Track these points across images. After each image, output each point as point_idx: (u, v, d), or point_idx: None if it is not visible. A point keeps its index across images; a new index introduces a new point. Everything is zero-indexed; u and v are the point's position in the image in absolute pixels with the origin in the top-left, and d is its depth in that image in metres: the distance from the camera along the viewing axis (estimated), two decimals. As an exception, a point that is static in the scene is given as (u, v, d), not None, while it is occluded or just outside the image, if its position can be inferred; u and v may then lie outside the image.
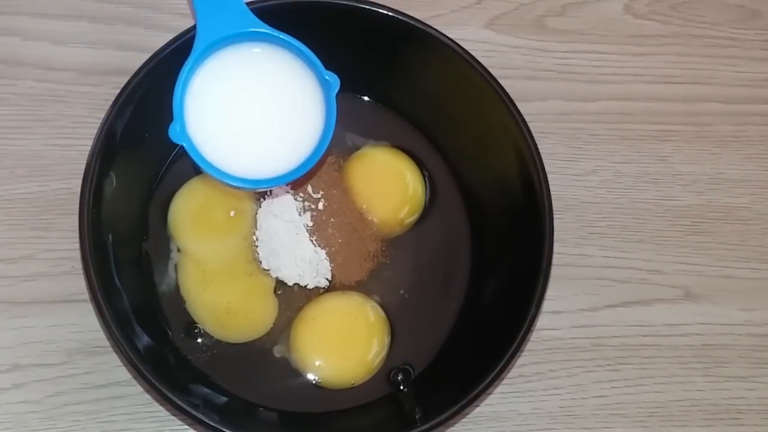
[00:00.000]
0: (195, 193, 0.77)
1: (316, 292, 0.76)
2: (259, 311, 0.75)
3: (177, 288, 0.75)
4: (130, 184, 0.75)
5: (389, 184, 0.78)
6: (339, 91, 0.66)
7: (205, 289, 0.74)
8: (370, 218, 0.77)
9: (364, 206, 0.77)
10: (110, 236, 0.70)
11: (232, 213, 0.76)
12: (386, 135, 0.80)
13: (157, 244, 0.76)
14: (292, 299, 0.76)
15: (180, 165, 0.78)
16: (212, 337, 0.74)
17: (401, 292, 0.77)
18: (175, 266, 0.76)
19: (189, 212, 0.76)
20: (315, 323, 0.75)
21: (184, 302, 0.75)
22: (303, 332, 0.74)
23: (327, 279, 0.76)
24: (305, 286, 0.76)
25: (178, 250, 0.76)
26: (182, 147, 0.64)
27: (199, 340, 0.74)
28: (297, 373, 0.74)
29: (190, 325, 0.75)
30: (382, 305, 0.76)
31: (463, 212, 0.80)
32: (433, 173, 0.80)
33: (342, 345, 0.75)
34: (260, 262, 0.75)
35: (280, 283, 0.76)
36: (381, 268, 0.77)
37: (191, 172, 0.77)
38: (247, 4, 0.71)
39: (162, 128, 0.75)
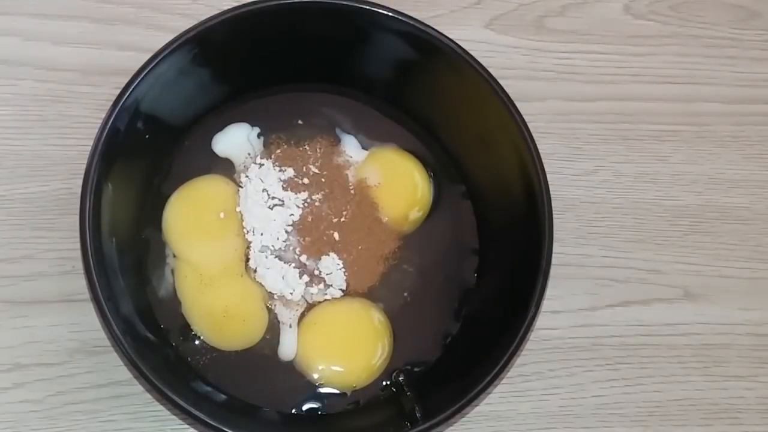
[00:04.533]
0: (185, 200, 0.76)
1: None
2: (257, 317, 0.75)
3: (174, 292, 0.75)
4: (130, 186, 0.75)
5: (400, 185, 0.79)
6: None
7: (203, 293, 0.74)
8: (384, 219, 0.78)
9: (378, 208, 0.78)
10: (111, 237, 0.70)
11: (221, 215, 0.76)
12: (392, 137, 0.81)
13: (153, 249, 0.76)
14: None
15: (176, 168, 0.78)
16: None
17: (405, 294, 0.77)
18: (172, 271, 0.76)
19: (181, 219, 0.76)
20: (320, 328, 0.75)
21: (180, 306, 0.75)
22: (307, 336, 0.75)
23: (341, 289, 0.76)
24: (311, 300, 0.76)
25: (174, 255, 0.76)
26: None
27: (197, 342, 0.74)
28: (299, 376, 0.74)
29: (188, 328, 0.75)
30: (385, 309, 0.77)
31: (467, 213, 0.80)
32: (437, 174, 0.80)
33: (346, 350, 0.75)
34: (253, 270, 0.76)
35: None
36: (389, 271, 0.77)
37: (185, 177, 0.77)
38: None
39: (162, 128, 0.76)
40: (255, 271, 0.75)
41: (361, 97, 0.81)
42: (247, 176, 0.77)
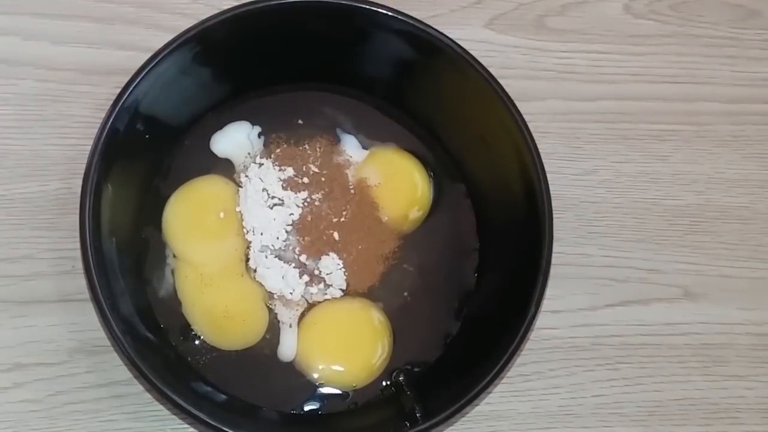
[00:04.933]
0: (184, 201, 0.76)
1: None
2: (257, 316, 0.75)
3: (175, 292, 0.75)
4: (130, 186, 0.75)
5: (400, 184, 0.79)
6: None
7: (203, 293, 0.74)
8: (384, 219, 0.78)
9: (378, 208, 0.78)
10: (110, 236, 0.71)
11: (221, 215, 0.76)
12: (392, 137, 0.80)
13: (153, 249, 0.76)
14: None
15: (175, 168, 0.78)
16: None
17: (405, 294, 0.77)
18: (172, 271, 0.76)
19: (181, 220, 0.76)
20: (320, 327, 0.75)
21: (180, 306, 0.75)
22: (307, 336, 0.75)
23: (341, 289, 0.76)
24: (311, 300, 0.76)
25: (174, 255, 0.76)
26: None
27: (197, 342, 0.74)
28: (300, 375, 0.74)
29: (188, 328, 0.75)
30: (385, 309, 0.77)
31: (467, 212, 0.80)
32: (438, 173, 0.80)
33: (346, 349, 0.75)
34: (251, 266, 0.76)
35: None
36: (389, 271, 0.77)
37: (184, 177, 0.77)
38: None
39: (162, 128, 0.76)
40: (255, 270, 0.75)
41: (362, 96, 0.81)
42: (246, 176, 0.77)
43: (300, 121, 0.80)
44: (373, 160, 0.79)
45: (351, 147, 0.79)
